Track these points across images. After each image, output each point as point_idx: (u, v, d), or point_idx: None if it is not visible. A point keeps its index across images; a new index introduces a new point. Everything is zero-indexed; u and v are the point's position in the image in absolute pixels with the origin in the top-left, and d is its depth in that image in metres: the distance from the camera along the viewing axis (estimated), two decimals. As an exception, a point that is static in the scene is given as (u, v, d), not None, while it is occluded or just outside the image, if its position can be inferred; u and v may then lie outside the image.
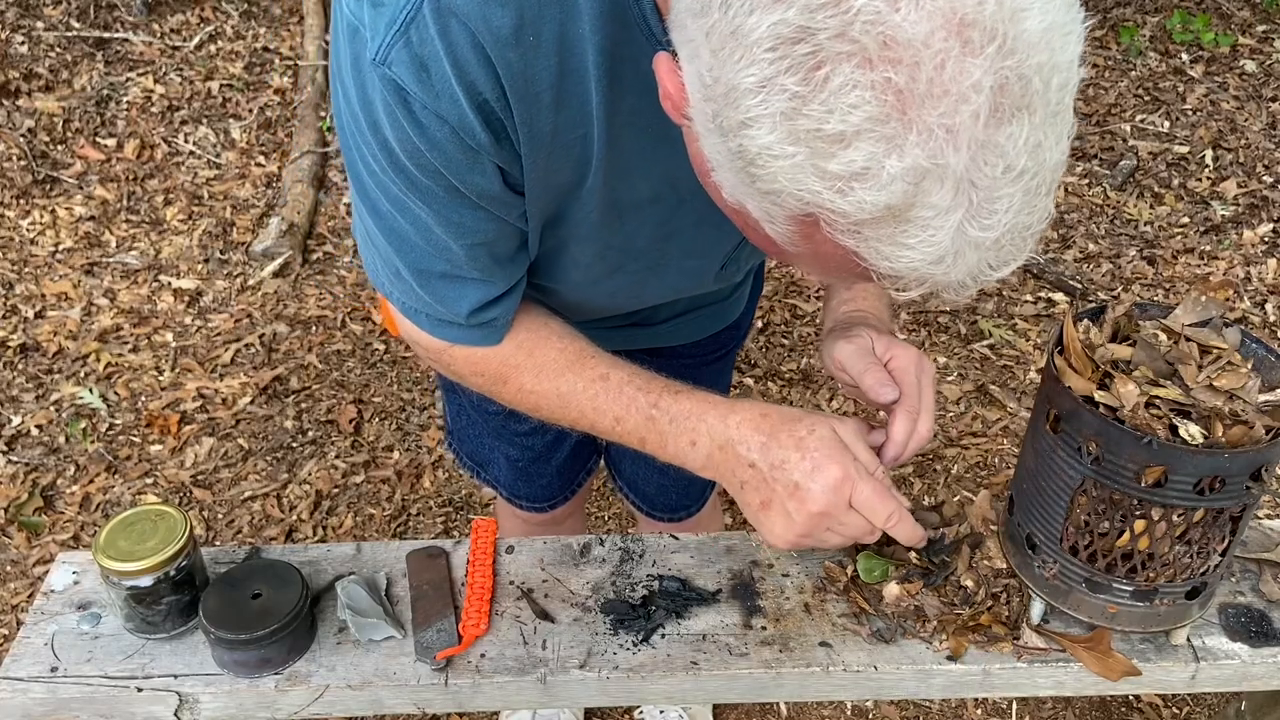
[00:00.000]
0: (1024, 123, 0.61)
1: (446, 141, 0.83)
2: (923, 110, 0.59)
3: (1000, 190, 0.62)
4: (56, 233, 3.23)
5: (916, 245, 0.64)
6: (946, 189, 0.62)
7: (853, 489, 0.93)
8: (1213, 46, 4.04)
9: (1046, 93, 0.61)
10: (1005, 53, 0.58)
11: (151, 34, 4.00)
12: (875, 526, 0.96)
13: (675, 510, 1.66)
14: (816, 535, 0.96)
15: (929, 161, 0.60)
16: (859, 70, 0.58)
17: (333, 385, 2.75)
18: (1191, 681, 1.08)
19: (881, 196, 0.62)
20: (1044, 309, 2.99)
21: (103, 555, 1.02)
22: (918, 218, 0.63)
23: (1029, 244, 0.68)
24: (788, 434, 0.95)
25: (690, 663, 1.06)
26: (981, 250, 0.65)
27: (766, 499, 0.96)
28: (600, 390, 1.02)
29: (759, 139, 0.63)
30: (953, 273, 0.67)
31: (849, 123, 0.60)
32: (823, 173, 0.62)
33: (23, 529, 2.37)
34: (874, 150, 0.60)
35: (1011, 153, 0.61)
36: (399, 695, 1.05)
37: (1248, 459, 0.88)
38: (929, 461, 2.54)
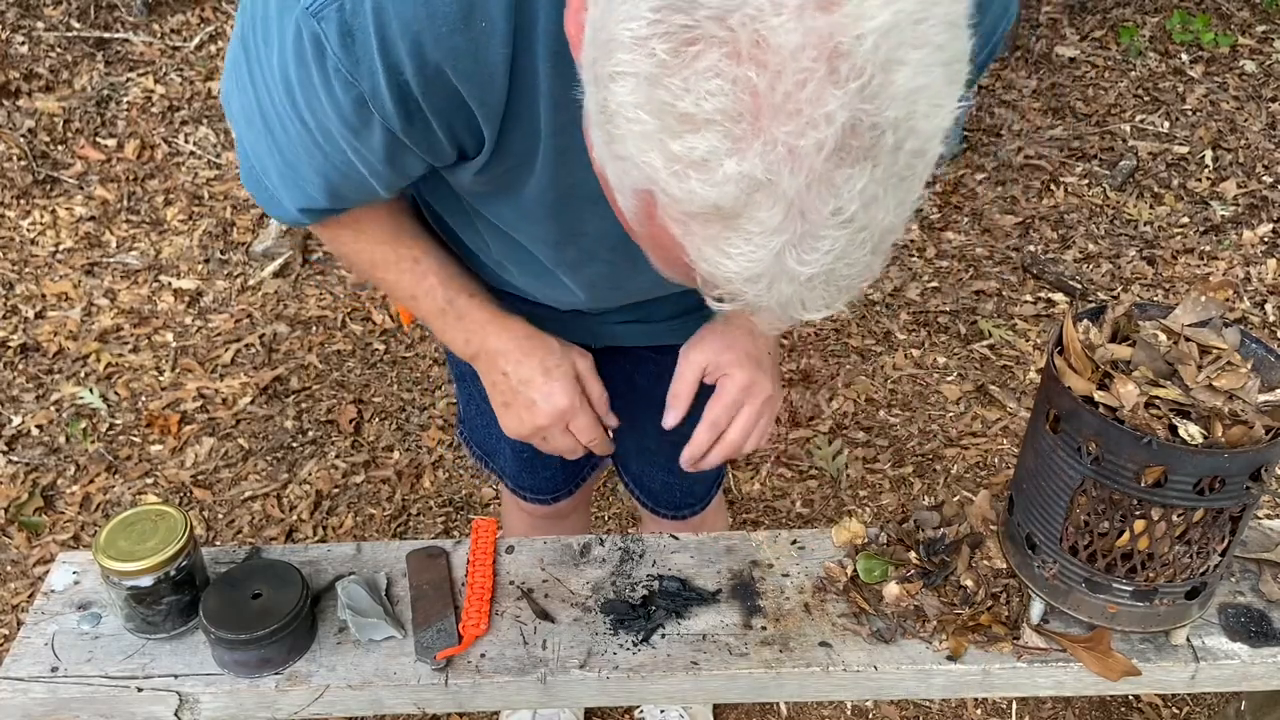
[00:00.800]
0: (865, 172, 0.60)
1: (347, 103, 0.86)
2: (774, 122, 0.58)
3: (825, 230, 0.62)
4: (57, 233, 3.23)
5: (736, 256, 0.64)
6: (777, 210, 0.61)
7: (573, 417, 1.16)
8: (1212, 47, 4.04)
9: (896, 152, 0.60)
10: (866, 95, 0.58)
11: (152, 34, 4.00)
12: (580, 445, 1.19)
13: (679, 508, 1.66)
14: (534, 439, 1.19)
15: (764, 175, 0.60)
16: (727, 60, 0.58)
17: (333, 385, 2.75)
18: (1191, 681, 1.08)
19: (712, 193, 0.61)
20: (1044, 309, 2.99)
21: (103, 555, 1.02)
22: (743, 228, 0.62)
23: (843, 294, 0.68)
24: (539, 360, 1.15)
25: (690, 663, 1.06)
26: (796, 284, 0.65)
27: (509, 401, 1.18)
28: (408, 268, 1.14)
29: (619, 95, 0.62)
30: (766, 297, 0.66)
31: (702, 108, 0.59)
32: (666, 150, 0.61)
33: (23, 529, 2.37)
34: (718, 145, 0.59)
35: (845, 196, 0.60)
36: (399, 695, 1.05)
37: (1247, 459, 0.88)
38: (929, 461, 2.54)
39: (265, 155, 1.01)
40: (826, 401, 2.70)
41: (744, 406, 1.18)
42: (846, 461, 2.54)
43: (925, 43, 0.58)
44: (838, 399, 2.71)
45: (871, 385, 2.75)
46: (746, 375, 1.18)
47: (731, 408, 1.18)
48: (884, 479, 2.51)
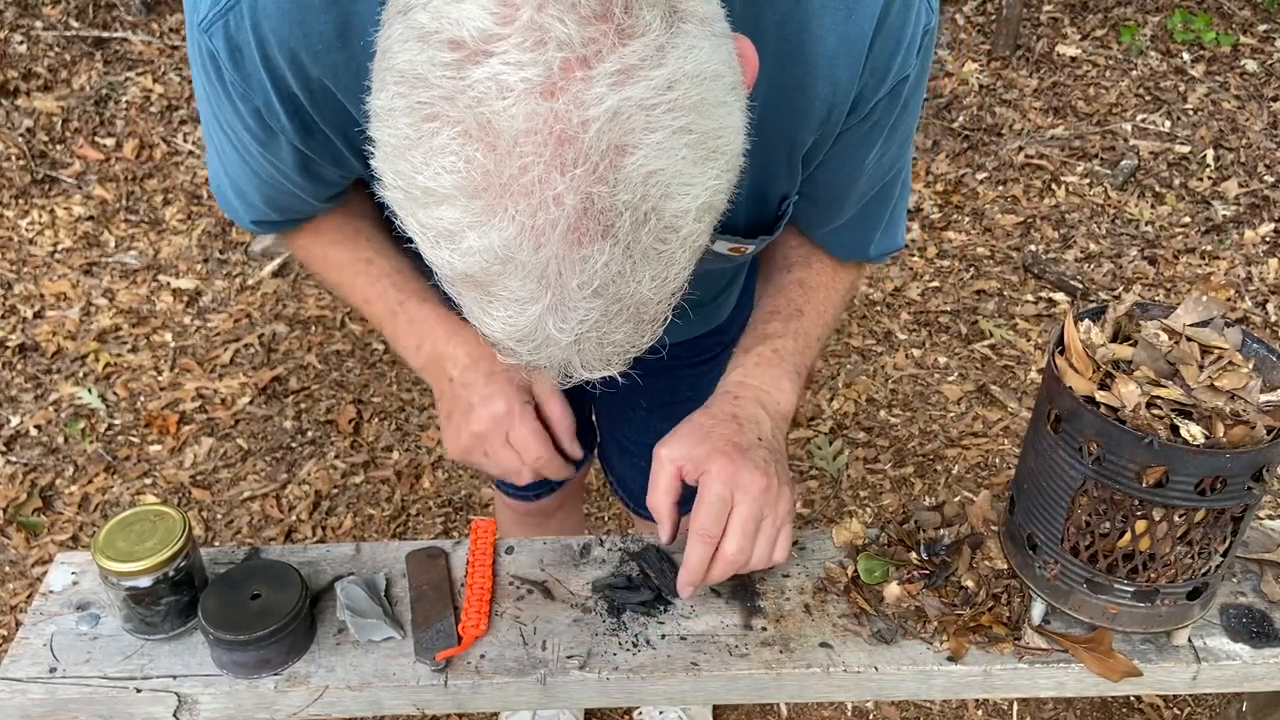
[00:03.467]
0: (605, 249, 0.61)
1: (249, 115, 0.88)
2: (508, 199, 0.59)
3: (576, 302, 0.63)
4: (55, 232, 3.23)
5: (499, 319, 0.65)
6: (528, 282, 0.62)
7: (511, 426, 1.06)
8: (1214, 46, 4.04)
9: (638, 231, 0.61)
10: (596, 179, 0.59)
11: (150, 33, 3.99)
12: (525, 465, 1.08)
13: None
14: (475, 455, 1.09)
15: (505, 250, 0.61)
16: (459, 140, 0.59)
17: (332, 385, 2.75)
18: (1193, 682, 1.08)
19: (461, 264, 0.63)
20: (1045, 309, 2.99)
21: (101, 556, 1.02)
22: (499, 295, 0.64)
23: (614, 359, 0.69)
24: (486, 365, 1.07)
25: (690, 663, 1.06)
26: (562, 348, 0.66)
27: (450, 410, 1.10)
28: (362, 270, 1.12)
29: (378, 160, 0.64)
30: (540, 357, 0.68)
31: (440, 184, 0.60)
32: (416, 218, 0.63)
33: (21, 529, 2.37)
34: (459, 218, 0.61)
35: (589, 272, 0.62)
36: (398, 696, 1.05)
37: (1249, 459, 0.88)
38: (930, 462, 2.54)
39: (220, 172, 1.05)
40: (827, 401, 2.70)
41: (736, 507, 0.96)
42: (847, 462, 2.54)
43: (659, 127, 0.59)
44: (838, 399, 2.70)
45: (872, 385, 2.75)
46: (727, 467, 0.96)
47: (719, 509, 0.96)
48: (884, 479, 2.50)
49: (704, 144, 0.62)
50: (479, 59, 0.58)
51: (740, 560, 0.98)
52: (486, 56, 0.57)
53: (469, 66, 0.58)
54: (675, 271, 0.66)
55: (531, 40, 0.57)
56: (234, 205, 1.07)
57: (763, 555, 0.99)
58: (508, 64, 0.57)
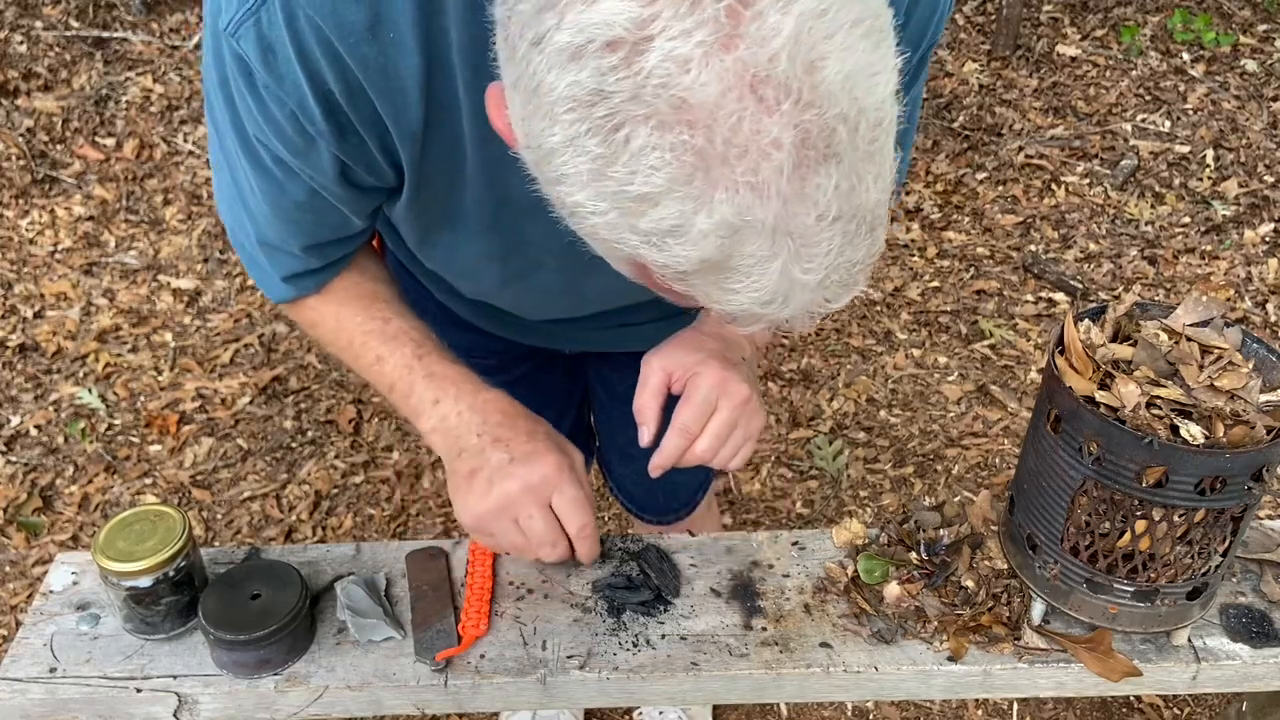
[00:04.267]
0: (832, 171, 0.60)
1: (285, 122, 0.84)
2: (725, 168, 0.59)
3: (817, 236, 0.62)
4: (55, 232, 3.23)
5: (742, 290, 0.65)
6: (763, 240, 0.62)
7: (558, 488, 0.97)
8: (1213, 46, 4.04)
9: (854, 138, 0.60)
10: (803, 106, 0.58)
11: (150, 33, 3.99)
12: (562, 536, 0.99)
13: (664, 513, 1.66)
14: (503, 520, 0.98)
15: (738, 218, 0.60)
16: (656, 133, 0.58)
17: (332, 385, 2.75)
18: (1192, 682, 1.08)
19: (695, 251, 0.62)
20: (1044, 309, 2.99)
21: (102, 556, 1.02)
22: (738, 266, 0.63)
23: (861, 277, 0.68)
24: (525, 423, 1.00)
25: (690, 663, 1.06)
26: (809, 290, 0.66)
27: (476, 468, 0.98)
28: (377, 329, 1.05)
29: (573, 195, 0.63)
30: (786, 310, 0.67)
31: (653, 184, 0.59)
32: (636, 229, 0.62)
33: (22, 529, 2.37)
34: (682, 209, 0.60)
35: (822, 202, 0.61)
36: (399, 696, 1.05)
37: (1249, 459, 0.88)
38: (930, 462, 2.54)
39: (248, 228, 1.00)
40: (827, 401, 2.70)
41: (718, 411, 1.03)
42: (847, 461, 2.54)
43: (836, 28, 0.58)
44: (838, 399, 2.70)
45: (872, 385, 2.75)
46: (717, 373, 1.03)
47: (702, 409, 1.03)
48: (884, 479, 2.50)
49: (875, 28, 0.61)
50: (643, 47, 0.57)
51: (706, 458, 1.04)
52: (649, 41, 0.56)
53: (637, 59, 0.57)
54: (890, 164, 0.65)
55: (685, 5, 0.56)
56: (263, 265, 1.02)
57: (724, 459, 1.05)
58: (674, 38, 0.56)
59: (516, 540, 1.00)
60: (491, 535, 1.00)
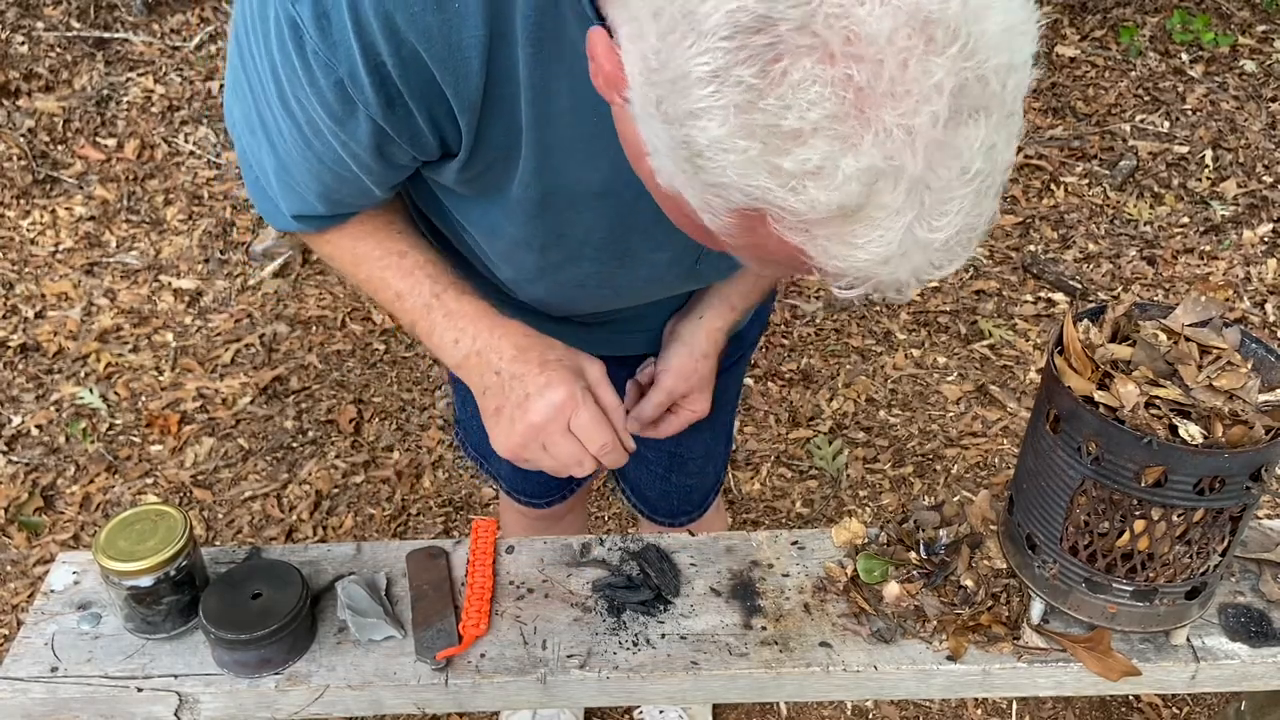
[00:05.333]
0: (981, 125, 0.59)
1: (329, 89, 0.83)
2: (882, 110, 0.57)
3: (954, 192, 0.61)
4: (56, 233, 3.23)
5: (865, 245, 0.63)
6: (900, 190, 0.60)
7: (574, 412, 0.99)
8: (1212, 46, 4.04)
9: (1003, 94, 0.60)
10: (967, 53, 0.57)
11: (151, 34, 4.00)
12: (587, 454, 1.01)
13: (677, 515, 1.66)
14: (532, 449, 1.02)
15: (885, 163, 0.59)
16: (820, 65, 0.56)
17: (333, 385, 2.75)
18: (1191, 681, 1.08)
19: (835, 196, 0.60)
20: (1044, 309, 2.99)
21: (103, 555, 1.02)
22: (868, 218, 0.62)
23: (973, 245, 0.67)
24: (537, 354, 1.02)
25: (690, 663, 1.06)
26: (928, 251, 0.64)
27: (500, 405, 1.02)
28: (394, 263, 1.06)
29: (709, 131, 0.60)
30: (898, 272, 0.66)
31: (807, 119, 0.57)
32: (775, 169, 0.60)
33: (23, 529, 2.37)
34: (830, 149, 0.58)
35: (967, 155, 0.60)
36: (399, 695, 1.05)
37: (1247, 459, 0.88)
38: (929, 461, 2.54)
39: (265, 161, 0.99)
40: (826, 401, 2.70)
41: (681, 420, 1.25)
42: (846, 461, 2.54)
43: None
44: (838, 399, 2.71)
45: (871, 385, 2.75)
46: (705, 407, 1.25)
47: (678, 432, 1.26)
48: (884, 479, 2.51)
49: None
50: None
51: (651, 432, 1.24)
52: None
53: None
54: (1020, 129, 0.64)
55: None
56: (274, 197, 1.02)
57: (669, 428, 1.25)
58: None
59: (549, 464, 1.03)
60: (527, 462, 1.04)
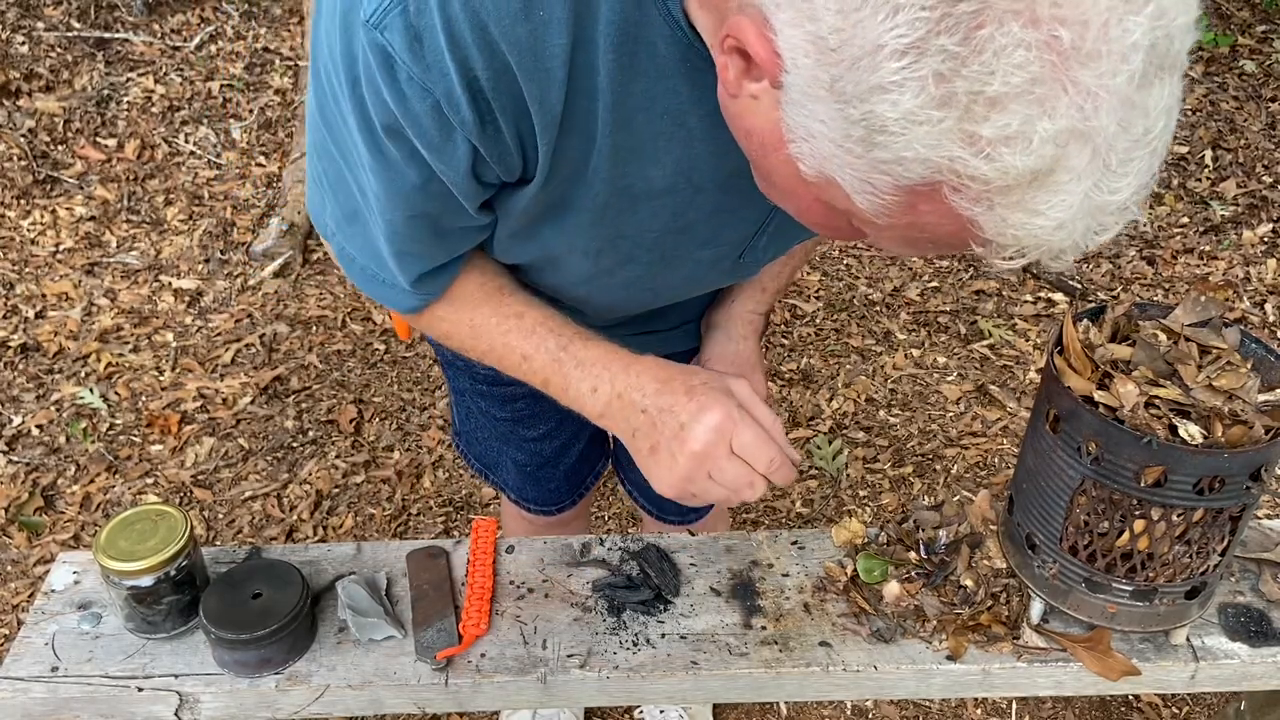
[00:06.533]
0: (1165, 85, 0.60)
1: (425, 114, 0.81)
2: (1082, 70, 0.57)
3: (1135, 153, 0.61)
4: (57, 233, 3.23)
5: (1045, 210, 0.62)
6: (1086, 152, 0.60)
7: (734, 432, 0.95)
8: (1212, 47, 4.04)
9: (1182, 53, 0.60)
10: (1159, 10, 0.57)
11: (152, 34, 4.00)
12: (756, 475, 0.97)
13: (685, 514, 1.66)
14: (699, 480, 0.97)
15: (1083, 123, 0.58)
16: (1026, 29, 0.56)
17: (333, 385, 2.75)
18: (1191, 681, 1.08)
19: (1028, 161, 0.59)
20: (1043, 309, 2.99)
21: (103, 555, 1.02)
22: (1055, 183, 0.61)
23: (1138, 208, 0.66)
24: (681, 382, 0.98)
25: (690, 663, 1.06)
26: (1101, 215, 0.64)
27: (655, 444, 0.98)
28: (513, 327, 1.03)
29: (901, 104, 0.59)
30: (1067, 239, 0.65)
31: (1010, 85, 0.57)
32: (970, 137, 0.59)
33: (23, 529, 2.38)
34: (1029, 113, 0.58)
35: (1152, 114, 0.60)
36: (399, 695, 1.05)
37: (1247, 459, 0.88)
38: (929, 461, 2.54)
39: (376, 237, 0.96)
40: (826, 401, 2.70)
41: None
42: (846, 461, 2.54)
43: None
44: (838, 399, 2.71)
45: (871, 385, 2.75)
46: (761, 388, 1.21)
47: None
48: (884, 479, 2.51)
49: None
50: None
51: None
52: None
53: None
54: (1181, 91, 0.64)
55: None
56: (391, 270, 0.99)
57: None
58: None
59: (719, 493, 0.99)
60: (694, 497, 1.00)
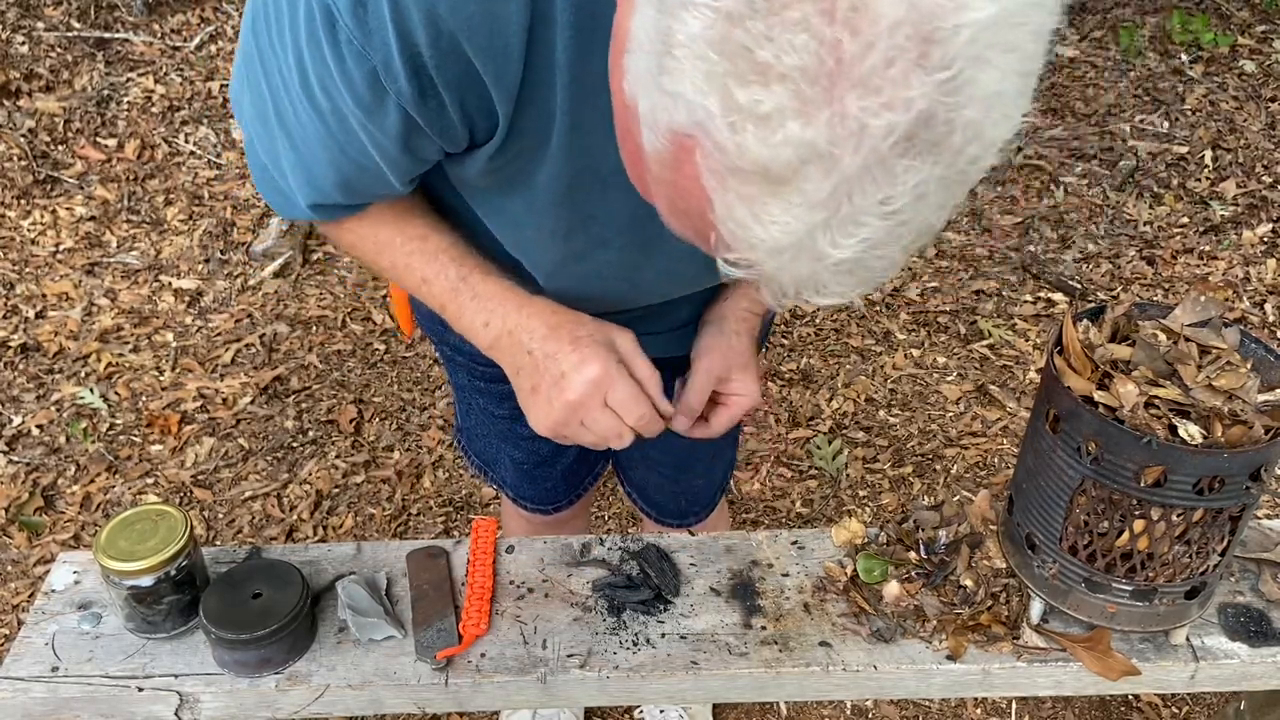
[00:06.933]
0: (925, 167, 0.57)
1: (361, 79, 0.82)
2: (851, 93, 0.55)
3: (868, 217, 0.59)
4: (57, 233, 3.23)
5: (769, 224, 0.60)
6: (826, 187, 0.58)
7: (610, 387, 1.00)
8: (1212, 47, 4.04)
9: (958, 154, 0.58)
10: (950, 88, 0.55)
11: (152, 34, 4.00)
12: (625, 427, 1.02)
13: (684, 516, 1.66)
14: (571, 426, 1.02)
15: (826, 146, 0.56)
16: (819, 17, 0.54)
17: (333, 385, 2.75)
18: (1191, 681, 1.08)
19: (765, 152, 0.57)
20: (1043, 309, 2.99)
21: (103, 555, 1.02)
22: (784, 197, 0.59)
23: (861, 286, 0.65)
24: (568, 331, 1.01)
25: (690, 662, 1.06)
26: (820, 264, 0.62)
27: (535, 384, 1.02)
28: (417, 249, 1.05)
29: (690, 27, 0.58)
30: (783, 273, 0.64)
31: (781, 61, 0.55)
32: (728, 96, 0.57)
33: (23, 529, 2.38)
34: (786, 103, 0.56)
35: (898, 188, 0.58)
36: (399, 695, 1.05)
37: (1247, 459, 0.88)
38: (929, 461, 2.54)
39: (279, 151, 0.98)
40: (826, 401, 2.70)
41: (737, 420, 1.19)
42: (846, 461, 2.54)
43: (1016, 48, 0.56)
44: (838, 399, 2.71)
45: (871, 385, 2.75)
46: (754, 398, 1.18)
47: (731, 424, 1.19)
48: (884, 479, 2.51)
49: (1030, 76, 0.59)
50: None
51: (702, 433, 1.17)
52: None
53: None
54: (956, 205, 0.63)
55: None
56: (290, 190, 1.00)
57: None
58: None
59: (589, 439, 1.04)
60: (565, 438, 1.05)
